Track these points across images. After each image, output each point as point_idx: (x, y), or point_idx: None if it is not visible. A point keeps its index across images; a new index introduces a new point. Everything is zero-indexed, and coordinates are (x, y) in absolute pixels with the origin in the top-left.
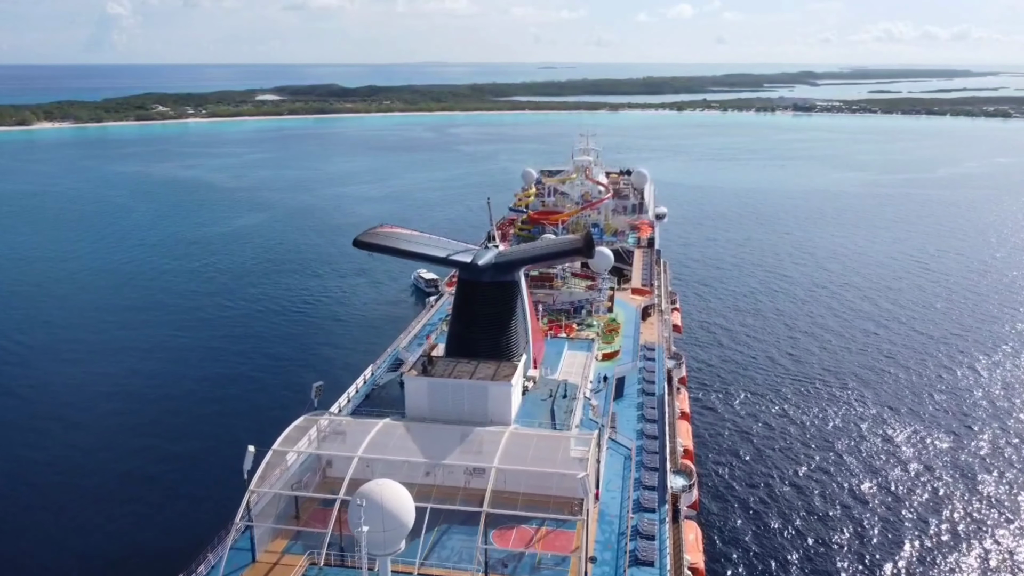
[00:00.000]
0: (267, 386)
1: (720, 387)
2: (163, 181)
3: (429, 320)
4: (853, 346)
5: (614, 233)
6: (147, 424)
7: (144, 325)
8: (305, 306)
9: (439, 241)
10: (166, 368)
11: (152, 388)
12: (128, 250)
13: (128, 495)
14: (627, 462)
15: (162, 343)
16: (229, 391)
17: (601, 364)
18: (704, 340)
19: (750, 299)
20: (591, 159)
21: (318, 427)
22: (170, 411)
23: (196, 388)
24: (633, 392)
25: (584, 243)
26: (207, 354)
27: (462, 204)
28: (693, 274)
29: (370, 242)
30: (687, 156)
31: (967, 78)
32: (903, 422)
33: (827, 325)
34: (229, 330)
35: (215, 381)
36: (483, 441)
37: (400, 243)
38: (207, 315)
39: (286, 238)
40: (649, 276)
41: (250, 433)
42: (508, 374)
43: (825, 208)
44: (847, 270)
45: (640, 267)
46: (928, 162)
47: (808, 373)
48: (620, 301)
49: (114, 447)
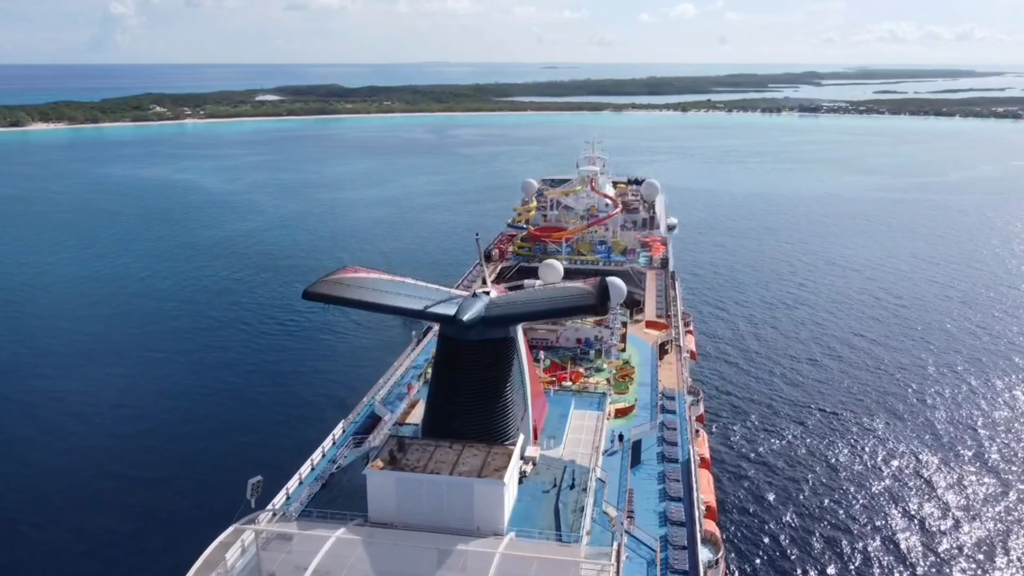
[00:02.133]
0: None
1: (739, 420)
2: (153, 185)
3: (414, 361)
4: (881, 369)
5: (623, 251)
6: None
7: (110, 341)
8: (278, 334)
9: (415, 288)
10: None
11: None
12: (107, 260)
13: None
14: (650, 569)
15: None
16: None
17: (614, 422)
18: (721, 366)
19: (766, 316)
20: (597, 169)
21: (255, 537)
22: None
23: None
24: (652, 457)
25: (597, 297)
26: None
27: (462, 209)
28: (704, 289)
29: (325, 293)
30: (693, 159)
31: (972, 78)
32: (945, 461)
33: (852, 343)
34: (188, 363)
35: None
36: (467, 560)
37: (364, 292)
38: (171, 344)
39: (273, 248)
40: (665, 305)
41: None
42: (500, 467)
43: (839, 214)
44: (868, 283)
45: (654, 293)
46: (941, 165)
47: (834, 401)
48: (633, 337)
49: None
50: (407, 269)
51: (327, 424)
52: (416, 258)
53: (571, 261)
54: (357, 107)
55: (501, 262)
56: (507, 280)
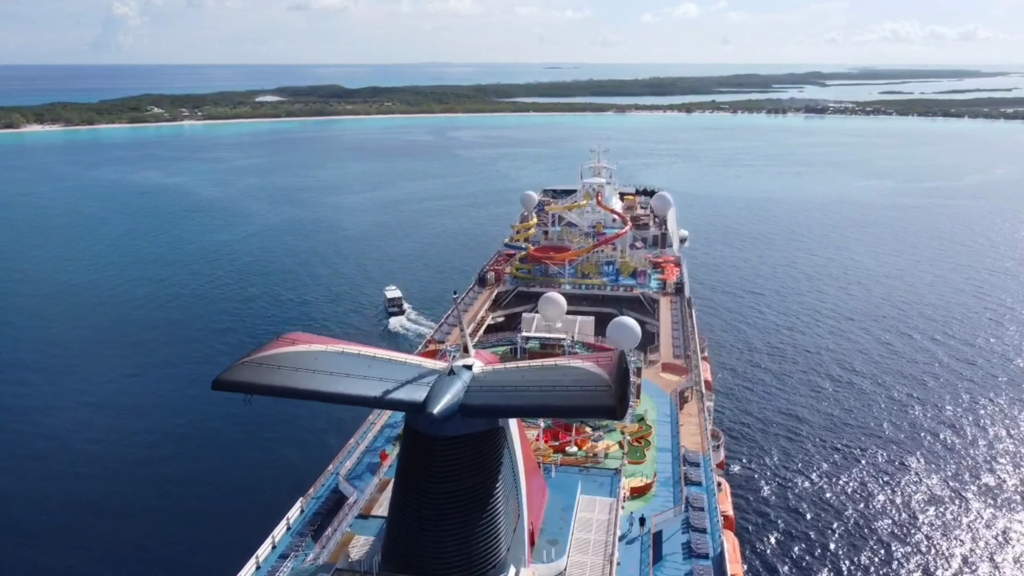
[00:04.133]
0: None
1: (759, 463)
2: (142, 190)
3: (389, 419)
4: (914, 396)
5: (633, 273)
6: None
7: (67, 357)
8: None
9: (372, 362)
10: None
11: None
12: (88, 271)
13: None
14: None
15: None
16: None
17: (630, 503)
18: (739, 398)
19: (783, 334)
20: (603, 180)
21: None
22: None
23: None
24: (677, 550)
25: (615, 395)
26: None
27: (461, 215)
28: (715, 305)
29: (245, 381)
30: (699, 162)
31: (977, 78)
32: (999, 510)
33: (883, 365)
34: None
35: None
36: None
37: (300, 377)
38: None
39: (258, 258)
40: (683, 340)
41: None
42: None
43: (853, 222)
44: (890, 297)
45: (669, 326)
46: (954, 168)
47: (862, 435)
48: (648, 385)
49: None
50: (395, 282)
51: (282, 503)
52: (407, 275)
53: (575, 285)
54: (357, 108)
55: (497, 286)
56: (504, 307)
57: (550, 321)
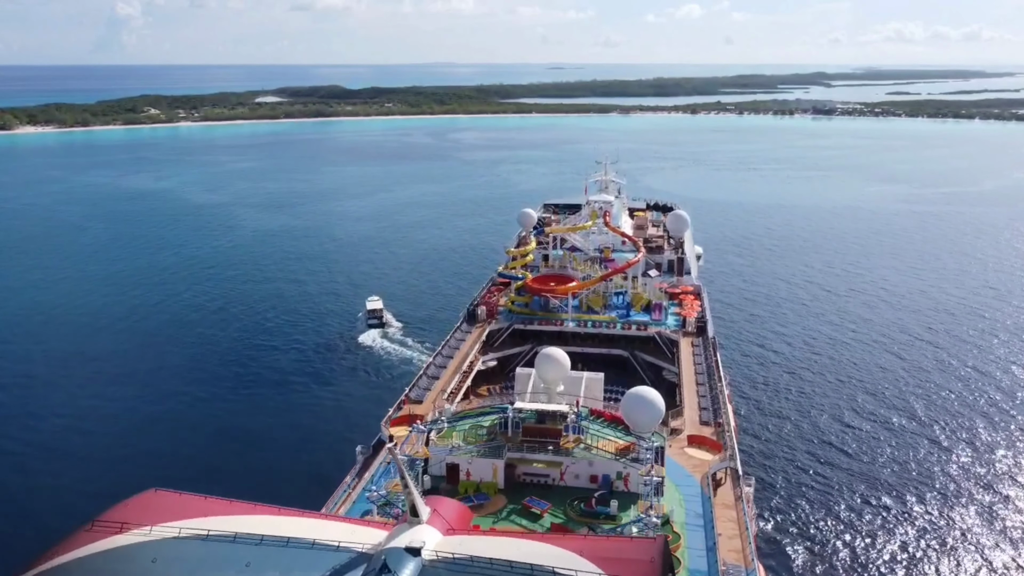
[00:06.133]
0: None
1: (796, 527)
2: (129, 195)
3: (367, 483)
4: (957, 437)
5: (646, 307)
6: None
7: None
8: (228, 398)
9: (258, 552)
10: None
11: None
12: (57, 286)
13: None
14: None
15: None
16: None
17: None
18: (767, 443)
19: (805, 358)
20: (612, 199)
21: None
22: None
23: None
24: None
25: None
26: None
27: (456, 225)
28: (732, 328)
29: None
30: (706, 166)
31: (983, 79)
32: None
33: (914, 394)
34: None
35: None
36: None
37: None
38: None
39: (240, 267)
40: (710, 399)
41: None
42: None
43: (870, 231)
44: (918, 317)
45: (693, 379)
46: (971, 172)
47: (901, 480)
48: (672, 466)
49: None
50: (381, 293)
51: None
52: (395, 286)
53: (579, 323)
54: (357, 109)
55: (489, 323)
56: (497, 348)
57: (549, 384)
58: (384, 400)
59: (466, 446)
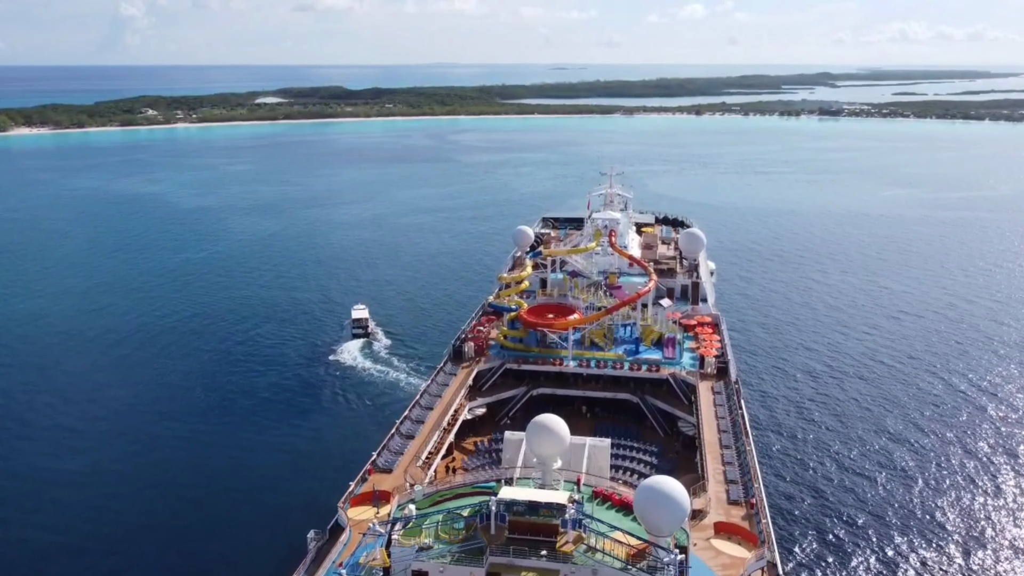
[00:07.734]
0: None
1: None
2: (117, 200)
3: (333, 565)
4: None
5: (658, 341)
6: None
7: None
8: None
9: None
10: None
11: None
12: (35, 296)
13: None
14: None
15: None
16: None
17: None
18: (798, 521)
19: (825, 382)
20: (618, 216)
21: None
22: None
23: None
24: None
25: None
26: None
27: (455, 230)
28: (749, 359)
29: None
30: (712, 168)
31: (988, 79)
32: None
33: (947, 425)
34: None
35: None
36: None
37: None
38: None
39: (228, 273)
40: (740, 472)
41: None
42: None
43: (888, 238)
44: (944, 332)
45: (716, 438)
46: (984, 176)
47: (933, 525)
48: (697, 565)
49: None
50: (370, 302)
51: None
52: (384, 296)
53: (581, 361)
54: (357, 110)
55: (478, 362)
56: (485, 392)
57: (544, 460)
58: (353, 454)
59: (438, 546)
